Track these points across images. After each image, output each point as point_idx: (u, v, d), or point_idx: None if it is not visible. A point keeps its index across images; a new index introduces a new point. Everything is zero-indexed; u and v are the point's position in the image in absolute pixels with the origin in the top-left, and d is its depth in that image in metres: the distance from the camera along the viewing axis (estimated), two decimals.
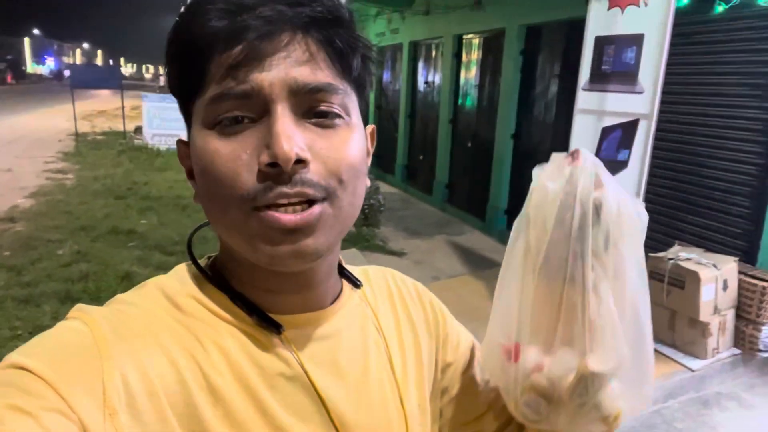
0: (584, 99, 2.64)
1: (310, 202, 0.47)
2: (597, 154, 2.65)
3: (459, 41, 6.91)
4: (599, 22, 2.53)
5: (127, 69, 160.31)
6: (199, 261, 0.57)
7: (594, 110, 2.59)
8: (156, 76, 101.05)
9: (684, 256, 3.29)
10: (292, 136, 0.46)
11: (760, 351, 3.23)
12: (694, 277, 3.13)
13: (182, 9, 0.50)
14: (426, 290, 0.72)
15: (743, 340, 3.28)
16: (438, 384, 0.68)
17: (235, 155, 0.47)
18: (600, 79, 2.53)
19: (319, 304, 0.56)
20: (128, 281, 4.14)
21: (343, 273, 0.63)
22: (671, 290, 3.24)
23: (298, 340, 0.54)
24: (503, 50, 5.87)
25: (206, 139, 0.48)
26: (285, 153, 0.45)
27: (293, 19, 0.46)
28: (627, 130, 2.35)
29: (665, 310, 3.26)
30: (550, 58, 5.44)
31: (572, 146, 2.77)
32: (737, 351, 3.29)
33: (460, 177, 7.09)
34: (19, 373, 0.41)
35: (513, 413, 0.61)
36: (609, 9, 2.46)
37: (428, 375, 0.66)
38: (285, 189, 0.46)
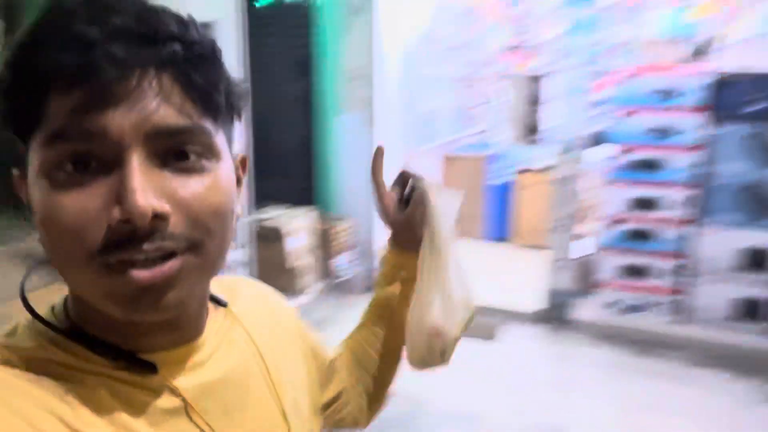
0: None
1: (171, 254, 0.44)
2: None
3: None
4: None
5: None
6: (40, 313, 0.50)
7: None
8: None
9: (274, 214, 3.80)
10: (148, 189, 0.41)
11: (338, 277, 4.09)
12: (275, 232, 3.68)
13: (23, 33, 0.42)
14: (284, 300, 0.73)
15: (327, 271, 4.07)
16: (320, 398, 0.71)
17: (80, 208, 0.41)
18: None
19: (191, 335, 0.53)
20: None
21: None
22: (261, 245, 3.70)
23: (176, 375, 0.51)
24: None
25: (47, 189, 0.42)
26: (140, 209, 0.40)
27: (147, 58, 0.42)
28: None
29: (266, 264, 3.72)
30: None
31: None
32: (324, 281, 4.07)
33: None
34: None
35: (419, 364, 0.78)
36: None
37: (309, 386, 0.68)
38: (145, 246, 0.42)
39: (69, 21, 0.41)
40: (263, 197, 3.62)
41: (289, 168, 4.10)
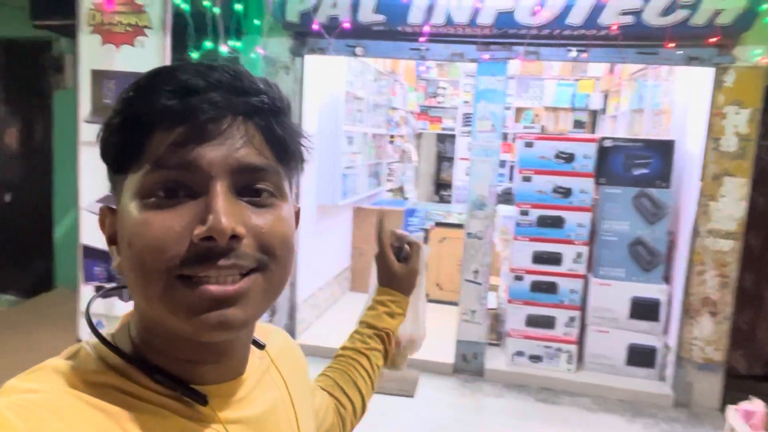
0: (88, 131, 2.62)
1: (242, 273, 0.49)
2: None
3: None
4: (94, 56, 2.55)
5: None
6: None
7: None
8: None
9: None
10: (230, 212, 0.48)
11: None
12: None
13: (133, 85, 0.50)
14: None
15: None
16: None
17: (166, 226, 0.47)
18: (104, 112, 2.57)
19: (237, 371, 0.58)
20: None
21: None
22: None
23: (222, 408, 0.54)
24: None
25: (139, 209, 0.48)
26: (223, 227, 0.46)
27: (238, 106, 0.50)
28: None
29: None
30: None
31: (82, 182, 2.68)
32: None
33: None
34: None
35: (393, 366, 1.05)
36: (103, 44, 2.52)
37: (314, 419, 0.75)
38: (220, 262, 0.47)
39: (177, 73, 0.49)
40: None
41: None
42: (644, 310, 3.61)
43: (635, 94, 5.06)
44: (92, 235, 2.69)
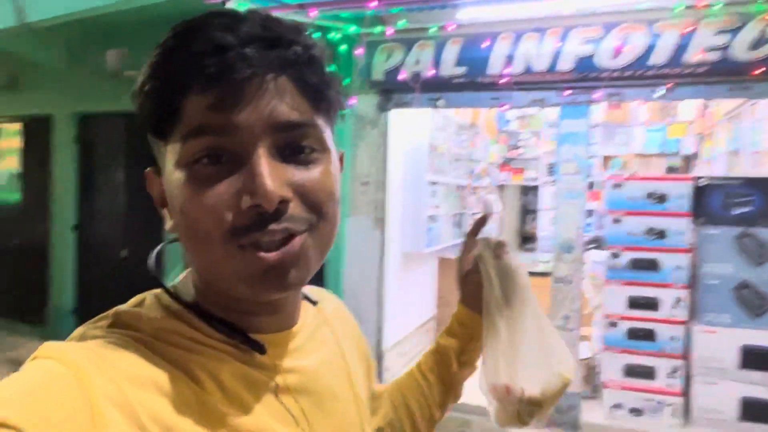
0: None
1: (292, 235, 0.49)
2: None
3: None
4: None
5: None
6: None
7: None
8: None
9: None
10: (275, 177, 0.47)
11: None
12: None
13: (164, 42, 0.49)
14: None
15: None
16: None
17: (216, 194, 0.47)
18: None
19: (290, 322, 0.59)
20: None
21: None
22: None
23: (279, 357, 0.56)
24: (53, 138, 5.45)
25: (186, 178, 0.48)
26: (269, 195, 0.46)
27: (273, 61, 0.48)
28: None
29: None
30: (111, 147, 5.38)
31: None
32: None
33: (1, 282, 5.96)
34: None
35: (506, 424, 0.79)
36: None
37: (367, 391, 0.73)
38: (271, 227, 0.47)
39: (206, 29, 0.47)
40: None
41: None
42: (757, 359, 3.32)
43: (731, 135, 4.85)
44: None
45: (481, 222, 0.86)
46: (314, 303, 0.66)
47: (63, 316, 5.42)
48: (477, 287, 0.83)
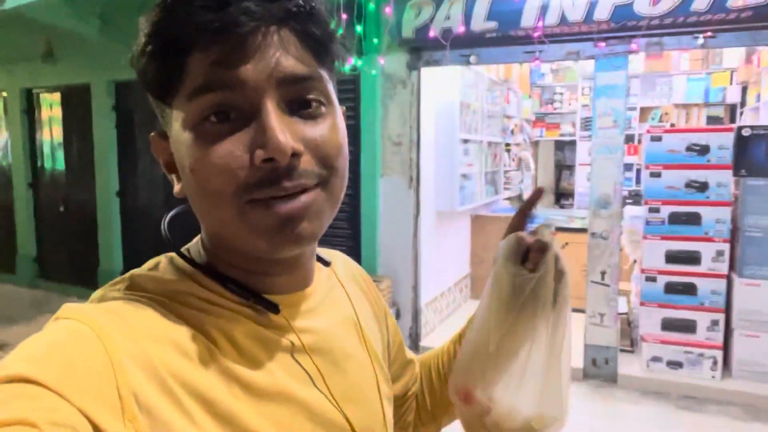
0: None
1: (304, 189, 0.49)
2: None
3: (29, 96, 6.15)
4: None
5: None
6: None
7: None
8: None
9: None
10: (286, 130, 0.47)
11: None
12: None
13: (160, 4, 0.48)
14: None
15: None
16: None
17: (226, 151, 0.47)
18: None
19: (304, 282, 0.59)
20: None
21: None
22: None
23: (293, 317, 0.56)
24: (91, 106, 5.59)
25: (195, 138, 0.48)
26: (282, 148, 0.46)
27: (275, 14, 0.47)
28: None
29: None
30: (148, 114, 5.49)
31: None
32: None
33: (53, 247, 6.25)
34: (28, 387, 0.37)
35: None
36: None
37: (384, 356, 0.71)
38: (285, 183, 0.47)
39: None
40: None
41: (337, 228, 4.30)
42: None
43: None
44: None
45: (537, 196, 0.73)
46: (327, 264, 0.66)
47: (113, 278, 5.67)
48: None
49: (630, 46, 3.31)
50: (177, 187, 0.53)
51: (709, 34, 3.10)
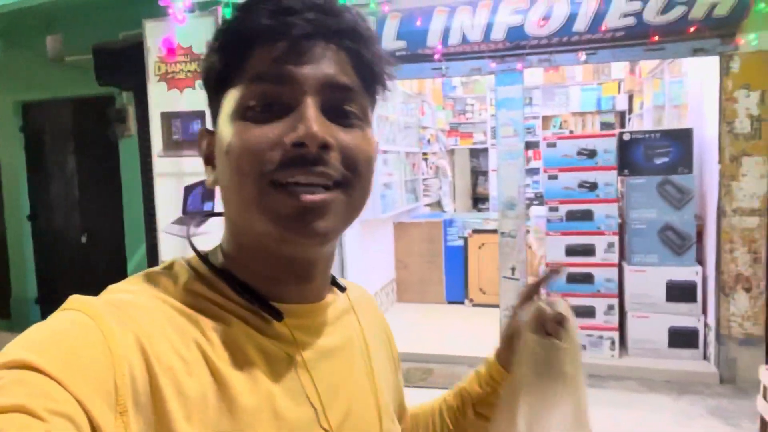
0: (161, 165, 3.05)
1: (327, 186, 0.51)
2: (184, 209, 3.09)
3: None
4: (161, 100, 3.00)
5: None
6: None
7: (173, 173, 3.03)
8: None
9: None
10: (322, 125, 0.50)
11: None
12: None
13: (237, 8, 0.55)
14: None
15: None
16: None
17: (261, 134, 0.50)
18: (174, 147, 3.00)
19: (314, 296, 0.59)
20: None
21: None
22: None
23: (297, 328, 0.56)
24: None
25: (237, 122, 0.52)
26: (314, 133, 0.49)
27: (331, 27, 0.52)
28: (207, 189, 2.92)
29: None
30: (59, 134, 5.35)
31: (159, 209, 3.10)
32: None
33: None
34: (28, 374, 0.39)
35: None
36: (168, 90, 2.96)
37: (393, 399, 0.70)
38: (311, 168, 0.50)
39: None
40: None
41: None
42: (681, 292, 3.74)
43: (657, 91, 5.23)
44: (172, 254, 3.09)
45: (549, 277, 0.78)
46: (342, 289, 0.67)
47: (27, 307, 5.44)
48: (507, 338, 0.79)
49: (524, 62, 3.68)
50: (210, 178, 0.57)
51: (579, 55, 3.53)
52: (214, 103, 0.56)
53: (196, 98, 2.96)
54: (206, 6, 3.11)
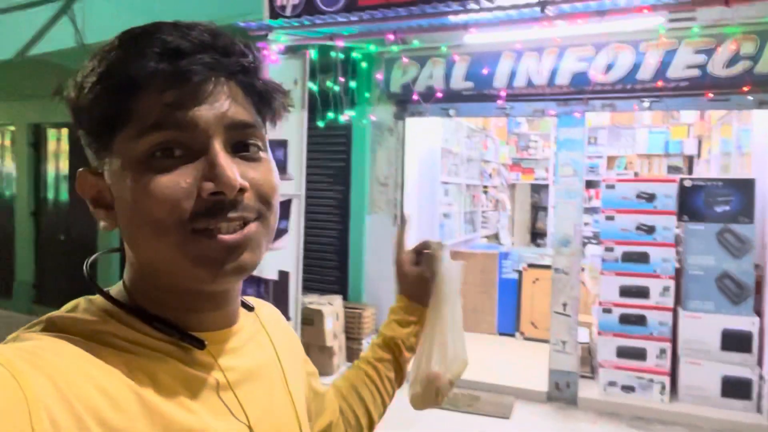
0: None
1: (245, 222, 0.53)
2: None
3: (36, 131, 6.54)
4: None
5: None
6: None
7: None
8: None
9: (307, 300, 4.33)
10: (234, 169, 0.51)
11: None
12: (319, 314, 4.19)
13: (113, 45, 0.51)
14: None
15: (352, 353, 4.52)
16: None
17: (172, 182, 0.49)
18: None
19: (230, 321, 0.60)
20: None
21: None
22: (304, 327, 4.20)
23: (218, 354, 0.57)
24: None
25: (141, 171, 0.50)
26: (232, 183, 0.50)
27: (227, 67, 0.52)
28: (284, 206, 3.19)
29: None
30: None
31: None
32: (350, 363, 4.47)
33: (52, 274, 6.53)
34: None
35: (423, 407, 0.92)
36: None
37: (303, 398, 0.72)
38: (230, 214, 0.51)
39: (160, 35, 0.50)
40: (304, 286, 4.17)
41: (326, 260, 4.70)
42: (736, 341, 3.71)
43: (725, 138, 5.21)
44: None
45: (405, 223, 1.03)
46: (251, 309, 0.68)
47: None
48: (417, 281, 0.94)
49: (587, 106, 3.83)
50: (103, 223, 0.55)
51: (654, 100, 3.64)
52: (96, 144, 0.53)
53: (284, 129, 3.28)
54: (296, 49, 3.47)
